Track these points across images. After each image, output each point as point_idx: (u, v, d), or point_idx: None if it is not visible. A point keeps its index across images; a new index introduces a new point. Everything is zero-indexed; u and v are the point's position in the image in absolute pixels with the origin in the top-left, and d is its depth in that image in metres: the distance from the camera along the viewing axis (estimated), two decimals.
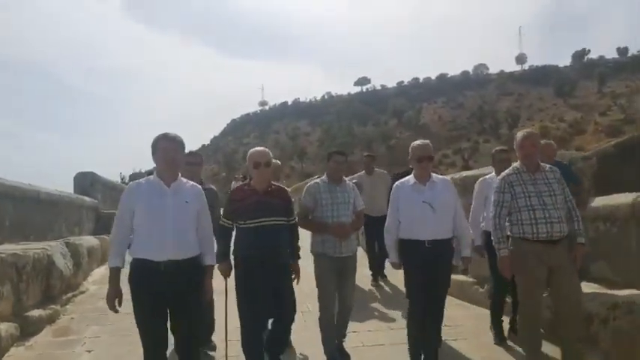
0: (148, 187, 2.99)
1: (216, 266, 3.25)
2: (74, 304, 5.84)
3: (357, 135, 71.89)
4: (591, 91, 72.20)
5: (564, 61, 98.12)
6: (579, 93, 72.00)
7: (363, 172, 7.04)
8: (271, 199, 3.57)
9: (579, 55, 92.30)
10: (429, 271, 3.62)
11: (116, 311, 2.90)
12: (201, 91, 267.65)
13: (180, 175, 3.07)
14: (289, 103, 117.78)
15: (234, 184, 12.88)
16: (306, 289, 4.04)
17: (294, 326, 3.72)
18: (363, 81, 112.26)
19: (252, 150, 3.71)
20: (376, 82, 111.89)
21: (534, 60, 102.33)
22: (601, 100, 67.80)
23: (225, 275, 3.66)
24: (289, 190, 4.27)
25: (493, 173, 4.54)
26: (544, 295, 3.60)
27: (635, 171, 5.34)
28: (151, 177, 3.03)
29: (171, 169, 3.00)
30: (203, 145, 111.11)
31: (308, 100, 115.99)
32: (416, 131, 64.19)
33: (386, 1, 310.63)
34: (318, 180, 4.15)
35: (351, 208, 4.03)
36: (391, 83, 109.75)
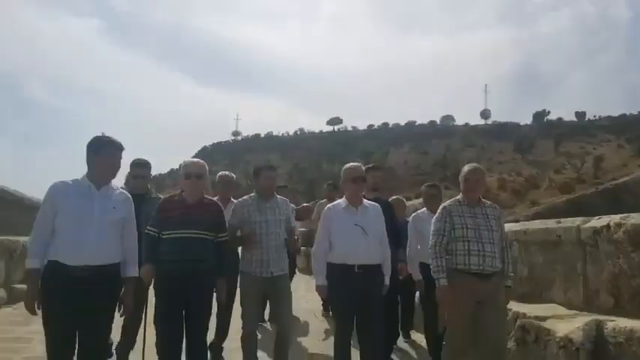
0: (76, 188, 2.85)
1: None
2: None
3: (325, 172, 73.20)
4: (548, 149, 76.11)
5: (525, 119, 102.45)
6: (537, 150, 75.78)
7: (325, 200, 7.10)
8: (200, 213, 3.41)
9: (540, 115, 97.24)
10: (358, 297, 3.53)
11: (35, 314, 2.74)
12: (173, 116, 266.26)
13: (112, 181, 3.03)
14: (262, 135, 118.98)
15: None
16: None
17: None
18: (335, 120, 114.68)
19: (186, 160, 3.61)
20: (347, 123, 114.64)
21: (497, 116, 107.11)
22: (557, 159, 71.57)
23: (148, 280, 3.39)
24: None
25: (425, 209, 4.65)
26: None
27: None
28: (79, 178, 2.90)
29: (110, 177, 2.97)
30: (172, 169, 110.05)
31: (280, 134, 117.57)
32: (383, 173, 65.01)
33: (363, 49, 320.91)
34: (246, 197, 3.96)
35: (283, 225, 3.82)
36: (362, 125, 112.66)
